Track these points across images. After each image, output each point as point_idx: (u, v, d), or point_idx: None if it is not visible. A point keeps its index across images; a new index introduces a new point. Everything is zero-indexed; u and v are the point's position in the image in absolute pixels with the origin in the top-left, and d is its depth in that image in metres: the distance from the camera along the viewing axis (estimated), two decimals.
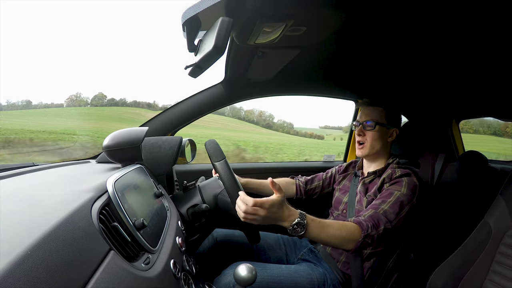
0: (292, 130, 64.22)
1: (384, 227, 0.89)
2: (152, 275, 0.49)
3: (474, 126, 40.88)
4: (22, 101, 66.37)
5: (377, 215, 0.91)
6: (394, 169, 1.06)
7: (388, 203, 0.94)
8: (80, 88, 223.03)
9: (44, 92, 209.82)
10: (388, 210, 0.93)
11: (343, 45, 0.89)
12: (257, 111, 76.46)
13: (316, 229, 0.80)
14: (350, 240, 0.85)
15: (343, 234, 0.84)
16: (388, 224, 0.91)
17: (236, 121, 63.34)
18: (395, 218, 0.92)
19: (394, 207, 0.93)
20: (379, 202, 0.96)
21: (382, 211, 0.92)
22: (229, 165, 0.83)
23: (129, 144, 0.78)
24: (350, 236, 0.85)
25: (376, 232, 0.88)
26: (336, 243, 0.85)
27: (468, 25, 0.69)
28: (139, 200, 0.65)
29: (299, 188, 1.29)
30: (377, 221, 0.90)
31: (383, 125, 1.10)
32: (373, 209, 0.94)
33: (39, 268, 0.30)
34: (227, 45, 0.60)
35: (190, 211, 0.97)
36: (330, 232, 0.82)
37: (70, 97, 77.39)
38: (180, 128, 1.33)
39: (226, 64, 1.07)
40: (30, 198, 0.47)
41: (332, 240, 0.83)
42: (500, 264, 0.80)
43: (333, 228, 0.83)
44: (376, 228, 0.88)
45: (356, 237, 0.85)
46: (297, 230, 0.77)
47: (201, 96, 1.29)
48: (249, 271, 0.65)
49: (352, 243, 0.85)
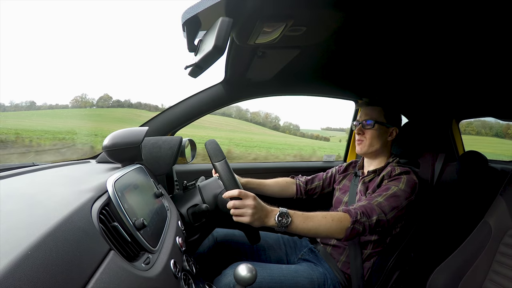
0: (298, 132, 64.12)
1: (377, 218, 0.89)
2: (152, 275, 0.49)
3: (476, 128, 41.05)
4: (26, 101, 65.81)
5: (370, 205, 0.91)
6: (393, 167, 1.06)
7: (383, 196, 0.95)
8: (84, 89, 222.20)
9: (47, 92, 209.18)
10: (383, 202, 0.93)
11: (343, 45, 0.89)
12: (263, 113, 75.99)
13: (301, 218, 0.83)
14: (339, 227, 0.85)
15: (329, 222, 0.85)
16: (383, 215, 0.90)
17: (245, 123, 63.14)
18: (390, 211, 0.92)
19: (389, 200, 0.93)
20: (374, 195, 0.97)
21: (376, 202, 0.93)
22: (229, 165, 0.83)
23: (129, 144, 0.78)
24: (337, 224, 0.85)
25: (367, 220, 0.88)
26: (325, 232, 0.85)
27: (468, 25, 0.69)
28: (139, 200, 0.65)
29: (299, 188, 1.29)
30: (369, 211, 0.90)
31: (382, 123, 1.10)
32: (367, 200, 0.95)
33: (39, 268, 0.30)
34: (227, 45, 0.60)
35: (190, 211, 0.97)
36: (315, 221, 0.84)
37: (75, 98, 76.79)
38: (180, 128, 1.33)
39: (226, 64, 1.07)
40: (30, 198, 0.47)
41: (320, 229, 0.84)
42: (500, 264, 0.80)
43: (317, 217, 0.85)
44: (367, 217, 0.88)
45: (345, 224, 0.86)
46: (282, 221, 0.80)
47: (201, 96, 1.29)
48: (249, 271, 0.65)
49: (342, 231, 0.85)
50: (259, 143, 25.98)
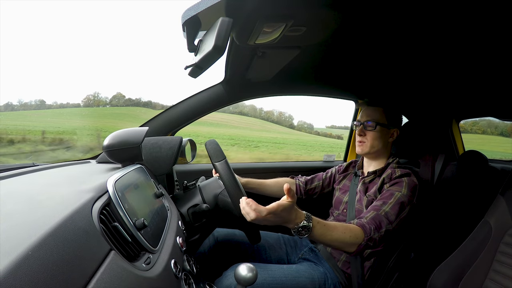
0: (313, 130, 63.82)
1: (385, 229, 0.89)
2: (153, 275, 0.49)
3: (482, 127, 41.16)
4: (36, 100, 64.37)
5: (378, 217, 0.91)
6: (394, 169, 1.06)
7: (389, 205, 0.94)
8: (97, 88, 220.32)
9: (57, 91, 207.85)
10: (390, 212, 0.93)
11: (343, 45, 0.90)
12: (277, 111, 74.92)
13: (320, 231, 0.79)
14: (353, 243, 0.84)
15: (346, 238, 0.83)
16: (390, 225, 0.91)
17: (266, 122, 62.53)
18: (395, 219, 0.92)
19: (395, 208, 0.94)
20: (380, 204, 0.96)
21: (383, 212, 0.92)
22: (229, 165, 0.83)
23: (129, 144, 0.78)
24: (353, 240, 0.84)
25: (378, 234, 0.88)
26: (338, 246, 0.84)
27: (468, 25, 0.69)
28: (139, 200, 0.65)
29: (299, 188, 1.29)
30: (379, 223, 0.90)
31: (384, 125, 1.10)
32: (375, 210, 0.94)
33: (40, 268, 0.30)
34: (227, 45, 0.60)
35: (191, 211, 0.97)
36: (334, 235, 0.82)
37: (87, 96, 75.25)
38: (180, 128, 1.33)
39: (226, 64, 1.07)
40: (31, 199, 0.47)
41: (335, 243, 0.83)
42: (501, 263, 0.80)
43: (338, 231, 0.83)
44: (378, 230, 0.88)
45: (359, 240, 0.85)
46: (301, 232, 0.77)
47: (201, 96, 1.29)
48: (249, 271, 0.65)
49: (354, 246, 0.85)
50: (291, 141, 25.49)
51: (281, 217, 0.73)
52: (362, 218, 0.92)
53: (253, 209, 0.72)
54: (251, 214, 0.72)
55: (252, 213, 0.72)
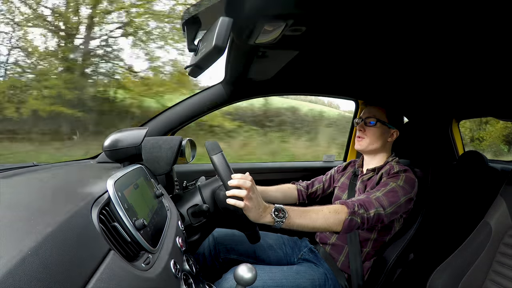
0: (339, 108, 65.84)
1: (376, 211, 0.88)
2: (152, 275, 0.49)
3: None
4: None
5: (368, 199, 0.91)
6: (392, 165, 1.07)
7: (382, 191, 0.94)
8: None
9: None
10: (381, 197, 0.92)
11: (343, 45, 0.89)
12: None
13: (297, 213, 0.82)
14: (337, 219, 0.84)
15: (326, 214, 0.84)
16: (381, 209, 0.89)
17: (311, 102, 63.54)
18: (389, 206, 0.91)
19: (388, 195, 0.93)
20: (373, 191, 0.97)
21: (374, 196, 0.92)
22: (225, 158, 0.83)
23: (129, 144, 0.79)
24: (334, 216, 0.84)
25: (365, 212, 0.87)
26: (323, 225, 0.84)
27: (468, 24, 0.69)
28: (139, 200, 0.65)
29: (301, 193, 1.29)
30: (367, 204, 0.89)
31: (384, 123, 1.11)
32: (365, 195, 0.94)
33: (39, 268, 0.30)
34: (227, 45, 0.60)
35: (190, 211, 0.97)
36: (312, 214, 0.83)
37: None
38: (180, 128, 1.33)
39: (226, 64, 1.07)
40: (30, 199, 0.47)
41: (318, 222, 0.83)
42: (501, 264, 0.80)
43: (314, 210, 0.85)
44: (365, 209, 0.87)
45: (342, 216, 0.84)
46: (279, 215, 0.79)
47: (201, 96, 1.29)
48: (249, 271, 0.65)
49: (339, 223, 0.84)
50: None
51: (256, 198, 0.78)
52: (348, 199, 0.92)
53: (249, 179, 0.77)
54: (247, 182, 0.76)
55: (248, 181, 0.77)
